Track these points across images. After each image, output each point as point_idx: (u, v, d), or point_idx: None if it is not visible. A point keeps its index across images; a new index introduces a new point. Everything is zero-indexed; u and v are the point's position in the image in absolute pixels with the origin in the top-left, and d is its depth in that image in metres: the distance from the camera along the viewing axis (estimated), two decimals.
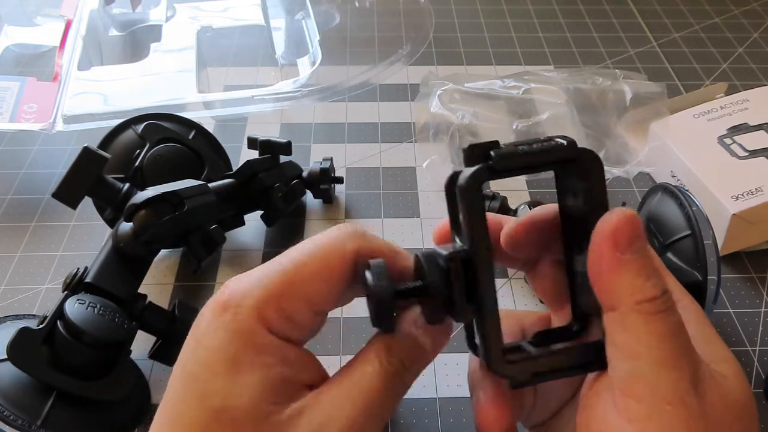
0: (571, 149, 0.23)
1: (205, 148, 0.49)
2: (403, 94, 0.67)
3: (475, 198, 0.23)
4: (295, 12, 0.75)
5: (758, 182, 0.48)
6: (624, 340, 0.22)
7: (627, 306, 0.22)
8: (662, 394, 0.21)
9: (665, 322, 0.22)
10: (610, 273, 0.22)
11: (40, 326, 0.35)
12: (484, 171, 0.23)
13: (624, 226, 0.22)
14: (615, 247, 0.22)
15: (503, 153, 0.23)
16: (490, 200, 0.48)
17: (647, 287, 0.22)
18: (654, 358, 0.21)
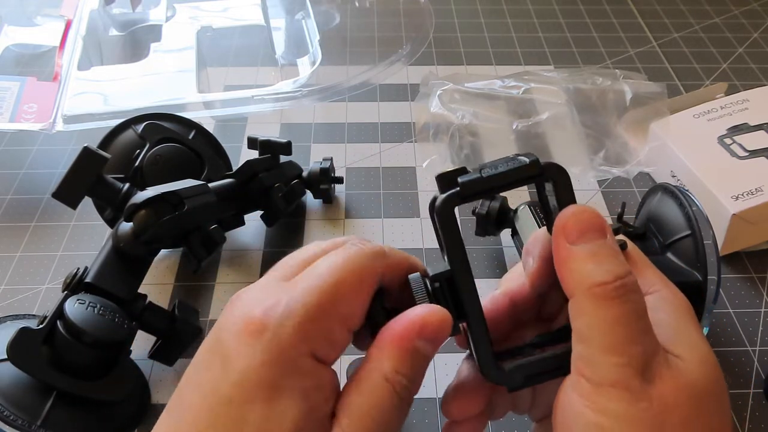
0: (533, 167, 0.24)
1: (205, 148, 0.49)
2: (403, 94, 0.67)
3: (449, 221, 0.25)
4: (295, 12, 0.75)
5: (758, 182, 0.48)
6: (578, 325, 0.23)
7: (580, 292, 0.23)
8: (606, 377, 0.22)
9: (616, 308, 0.22)
10: (563, 262, 0.24)
11: (40, 326, 0.35)
12: (454, 197, 0.25)
13: (571, 219, 0.24)
14: (565, 238, 0.24)
15: (468, 181, 0.24)
16: (490, 201, 0.48)
17: (597, 273, 0.23)
18: (600, 343, 0.22)
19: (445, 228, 0.25)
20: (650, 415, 0.22)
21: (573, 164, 0.56)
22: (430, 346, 0.24)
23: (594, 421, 0.22)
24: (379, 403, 0.23)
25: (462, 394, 0.27)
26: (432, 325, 0.24)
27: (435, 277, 0.26)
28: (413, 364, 0.24)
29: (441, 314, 0.24)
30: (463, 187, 0.24)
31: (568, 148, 0.57)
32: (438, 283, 0.25)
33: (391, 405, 0.23)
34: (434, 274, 0.26)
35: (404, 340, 0.24)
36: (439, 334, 0.24)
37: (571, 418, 0.23)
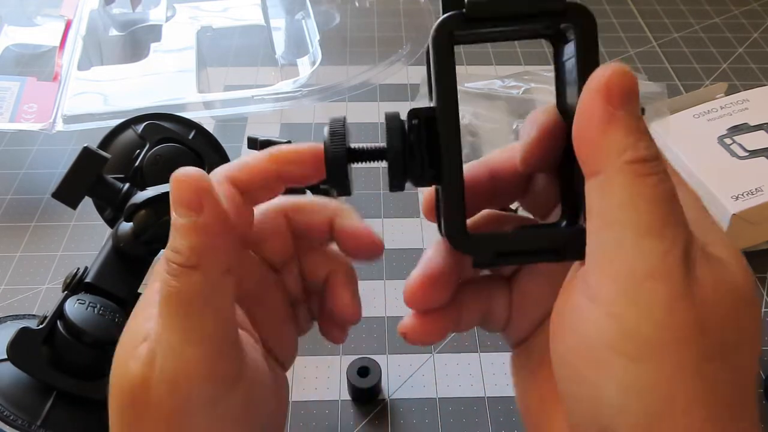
0: (557, 1, 0.20)
1: (205, 148, 0.49)
2: (403, 94, 0.67)
3: (443, 49, 0.21)
4: (295, 12, 0.75)
5: (758, 182, 0.48)
6: (605, 207, 0.19)
7: (614, 167, 0.19)
8: (642, 267, 0.18)
9: (656, 187, 0.19)
10: (599, 129, 0.19)
11: (40, 326, 0.35)
12: (457, 18, 0.21)
13: (620, 78, 0.20)
14: (608, 100, 0.19)
15: (477, 1, 0.21)
16: None
17: (640, 147, 0.19)
18: (639, 224, 0.19)
19: (438, 56, 0.21)
20: (692, 317, 0.18)
21: None
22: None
23: (624, 330, 0.19)
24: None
25: (428, 278, 0.24)
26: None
27: (414, 113, 0.22)
28: (175, 232, 0.23)
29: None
30: (471, 5, 0.20)
31: None
32: (416, 120, 0.22)
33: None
34: (413, 109, 0.22)
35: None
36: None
37: (589, 334, 0.19)
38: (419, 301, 0.24)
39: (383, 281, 0.49)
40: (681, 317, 0.18)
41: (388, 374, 0.43)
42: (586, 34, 0.20)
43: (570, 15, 0.20)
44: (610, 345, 0.19)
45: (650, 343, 0.18)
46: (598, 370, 0.19)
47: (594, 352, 0.19)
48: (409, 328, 0.25)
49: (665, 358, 0.18)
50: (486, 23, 0.21)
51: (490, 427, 0.40)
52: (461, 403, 0.41)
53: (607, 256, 0.19)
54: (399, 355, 0.44)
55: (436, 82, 0.21)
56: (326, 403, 0.41)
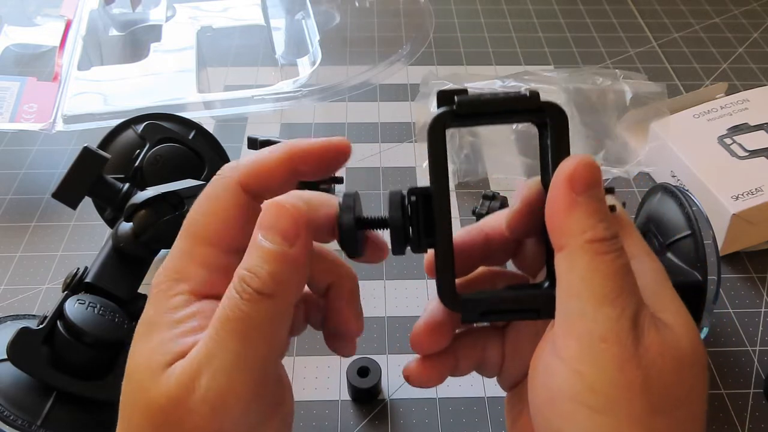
0: (532, 100, 0.24)
1: (205, 148, 0.49)
2: (403, 94, 0.67)
3: (438, 138, 0.24)
4: (295, 12, 0.75)
5: (758, 182, 0.48)
6: (569, 278, 0.23)
7: (576, 244, 0.22)
8: (599, 332, 0.22)
9: (611, 263, 0.22)
10: (563, 212, 0.23)
11: (40, 326, 0.35)
12: (448, 114, 0.24)
13: (582, 169, 0.23)
14: (571, 187, 0.23)
15: (466, 99, 0.24)
16: (491, 200, 0.48)
17: (598, 228, 0.22)
18: (595, 295, 0.22)
19: (433, 144, 0.24)
20: (639, 376, 0.21)
21: None
22: (271, 235, 0.23)
23: (584, 385, 0.22)
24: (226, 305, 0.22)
25: (430, 326, 0.27)
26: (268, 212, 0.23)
27: (412, 191, 0.26)
28: (259, 256, 0.23)
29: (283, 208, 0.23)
30: (459, 105, 0.24)
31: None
32: (414, 197, 0.25)
33: (235, 304, 0.22)
34: (412, 188, 0.26)
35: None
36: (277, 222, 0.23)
37: (555, 388, 0.23)
38: (423, 345, 0.27)
39: (383, 281, 0.49)
40: (630, 376, 0.21)
41: (388, 374, 0.43)
42: (557, 128, 0.24)
43: (547, 112, 0.24)
44: (574, 397, 0.22)
45: (607, 397, 0.21)
46: (565, 420, 0.22)
47: (561, 404, 0.22)
48: (412, 371, 0.28)
49: (619, 411, 0.21)
50: (473, 118, 0.25)
51: (490, 427, 0.40)
52: (461, 403, 0.41)
53: (571, 321, 0.23)
54: (399, 355, 0.44)
55: (432, 165, 0.25)
56: (326, 403, 0.41)
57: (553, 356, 0.23)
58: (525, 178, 0.57)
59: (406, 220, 0.26)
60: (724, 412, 0.41)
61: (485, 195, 0.49)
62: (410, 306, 0.47)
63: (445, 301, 0.25)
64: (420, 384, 0.28)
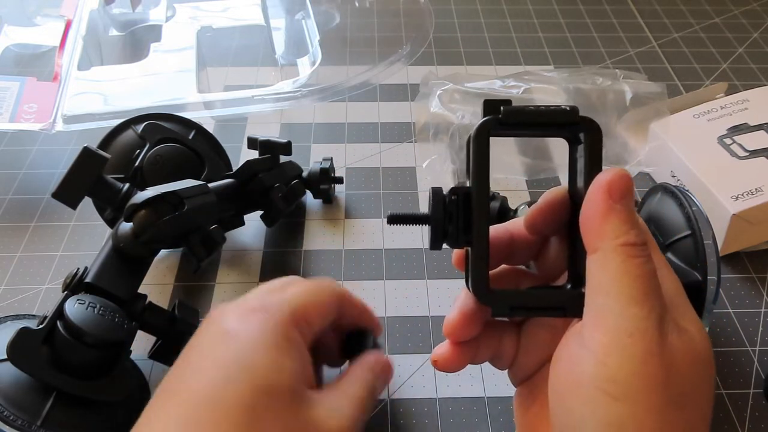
0: (572, 114, 0.27)
1: (205, 148, 0.49)
2: (403, 94, 0.67)
3: (482, 143, 0.27)
4: (295, 12, 0.75)
5: (758, 182, 0.48)
6: (600, 278, 0.25)
7: (610, 247, 0.25)
8: (626, 327, 0.24)
9: (641, 266, 0.24)
10: (601, 217, 0.25)
11: (40, 326, 0.35)
12: (493, 122, 0.26)
13: (619, 180, 0.25)
14: (609, 195, 0.25)
15: (511, 109, 0.26)
16: (491, 200, 0.48)
17: (631, 233, 0.25)
18: (625, 294, 0.24)
19: (477, 149, 0.27)
20: (660, 371, 0.23)
21: None
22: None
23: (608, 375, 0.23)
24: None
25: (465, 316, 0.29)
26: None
27: (454, 190, 0.28)
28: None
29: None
30: (505, 113, 0.26)
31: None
32: (456, 196, 0.28)
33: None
34: (453, 187, 0.28)
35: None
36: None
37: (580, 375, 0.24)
38: (457, 333, 0.30)
39: (383, 281, 0.49)
40: (652, 369, 0.23)
41: None
42: (593, 142, 0.27)
43: (582, 126, 0.27)
44: (597, 385, 0.24)
45: (628, 386, 0.23)
46: (586, 405, 0.24)
47: (584, 389, 0.24)
48: (440, 356, 0.31)
49: (638, 400, 0.23)
50: (516, 127, 0.27)
51: (490, 427, 0.40)
52: (461, 403, 0.41)
53: (600, 316, 0.24)
54: (399, 355, 0.44)
55: (474, 168, 0.27)
56: None
57: (579, 347, 0.25)
58: (525, 178, 0.57)
59: (446, 217, 0.28)
60: (724, 412, 0.41)
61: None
62: (410, 306, 0.47)
63: (479, 294, 0.27)
64: (445, 368, 0.31)
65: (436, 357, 0.31)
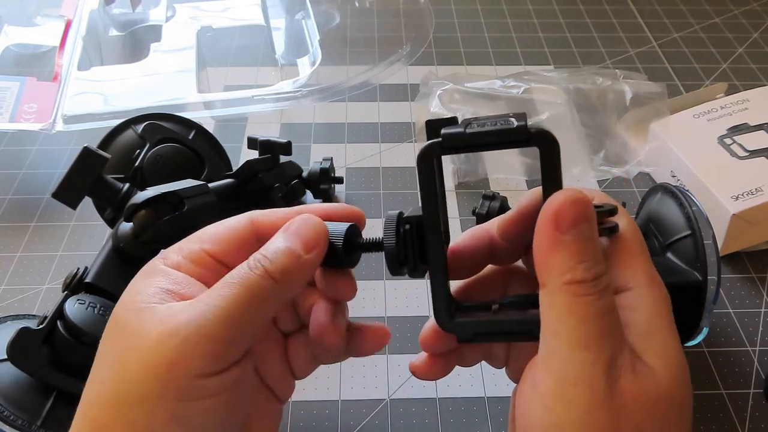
0: (520, 131, 0.23)
1: (205, 148, 0.49)
2: (403, 94, 0.67)
3: (427, 169, 0.25)
4: (295, 12, 0.75)
5: (758, 182, 0.48)
6: (548, 318, 0.23)
7: (555, 284, 0.23)
8: (571, 374, 0.22)
9: (589, 306, 0.22)
10: (546, 250, 0.23)
11: (40, 326, 0.35)
12: (436, 146, 0.25)
13: (568, 208, 0.23)
14: (555, 226, 0.23)
15: (448, 134, 0.24)
16: (491, 200, 0.48)
17: (578, 269, 0.22)
18: (571, 337, 0.22)
19: (422, 175, 0.25)
20: (608, 421, 0.22)
21: (573, 164, 0.56)
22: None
23: (552, 421, 0.22)
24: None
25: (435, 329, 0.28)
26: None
27: (406, 219, 0.27)
28: (278, 249, 0.25)
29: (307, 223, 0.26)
30: (444, 138, 0.24)
31: (568, 148, 0.57)
32: (408, 225, 0.26)
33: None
34: (406, 216, 0.27)
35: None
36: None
37: (529, 418, 0.24)
38: (431, 345, 0.28)
39: (383, 281, 0.49)
40: (598, 419, 0.22)
41: (388, 374, 0.43)
42: (549, 156, 0.24)
43: (534, 141, 0.24)
44: (542, 430, 0.23)
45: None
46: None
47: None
48: (418, 367, 0.29)
49: None
50: (462, 150, 0.25)
51: (490, 427, 0.40)
52: (461, 403, 0.41)
53: (548, 359, 0.23)
54: (399, 355, 0.44)
55: (423, 195, 0.26)
56: (326, 403, 0.41)
57: (531, 388, 0.24)
58: (525, 178, 0.57)
59: (399, 247, 0.26)
60: (724, 412, 0.41)
61: (485, 195, 0.49)
62: (410, 306, 0.47)
63: (441, 324, 0.27)
64: (425, 377, 0.29)
65: (414, 367, 0.29)
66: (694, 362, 0.43)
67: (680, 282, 0.39)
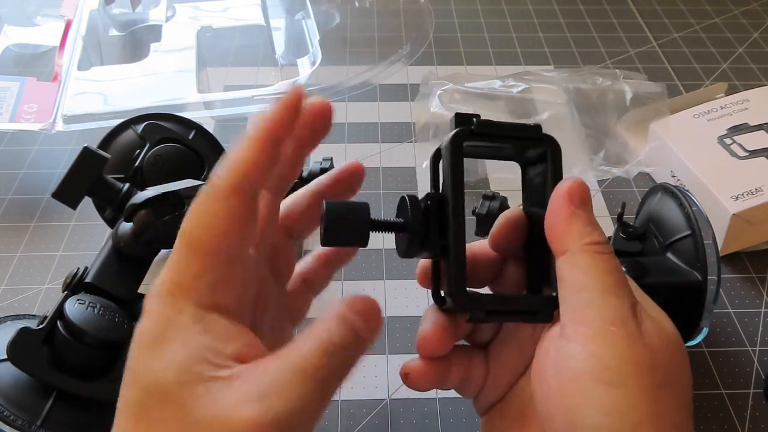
0: (537, 130, 0.28)
1: (205, 148, 0.49)
2: (403, 94, 0.67)
3: (456, 152, 0.27)
4: (295, 12, 0.75)
5: (758, 182, 0.48)
6: (574, 276, 0.26)
7: (577, 247, 0.26)
8: (607, 317, 0.25)
9: (608, 261, 0.26)
10: (565, 221, 0.27)
11: (40, 326, 0.35)
12: (467, 132, 0.27)
13: (578, 187, 0.27)
14: (570, 201, 0.27)
15: (483, 121, 0.28)
16: (491, 200, 0.48)
17: (595, 234, 0.26)
18: (600, 287, 0.25)
19: (452, 157, 0.27)
20: (646, 354, 0.24)
21: (573, 164, 0.56)
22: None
23: (600, 363, 0.24)
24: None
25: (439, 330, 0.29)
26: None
27: (429, 196, 0.28)
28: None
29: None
30: (478, 124, 0.27)
31: (568, 148, 0.57)
32: (430, 202, 0.28)
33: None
34: (428, 193, 0.28)
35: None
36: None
37: (572, 369, 0.25)
38: (433, 345, 0.29)
39: (383, 281, 0.49)
40: (638, 353, 0.24)
41: (388, 374, 0.43)
42: (555, 155, 0.28)
43: (545, 141, 0.28)
44: (590, 375, 0.24)
45: (619, 372, 0.24)
46: (580, 397, 0.24)
47: (577, 382, 0.25)
48: (412, 369, 0.30)
49: (630, 384, 0.24)
50: (488, 138, 0.28)
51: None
52: (461, 403, 0.41)
53: (579, 311, 0.25)
54: (399, 355, 0.44)
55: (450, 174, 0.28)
56: None
57: (565, 343, 0.26)
58: None
59: (424, 222, 0.28)
60: (724, 412, 0.41)
61: (485, 195, 0.49)
62: (410, 306, 0.47)
63: (456, 299, 0.27)
64: (417, 385, 0.30)
65: (408, 370, 0.29)
66: (694, 362, 0.43)
67: (680, 282, 0.39)
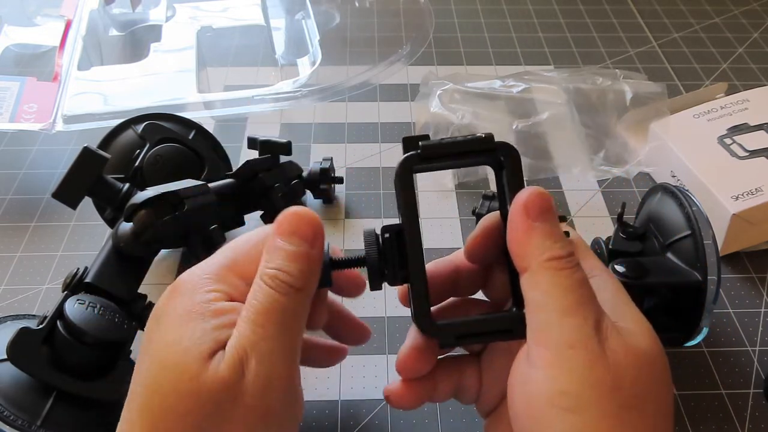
0: (488, 141, 0.27)
1: (205, 148, 0.49)
2: (403, 94, 0.67)
3: (406, 180, 0.27)
4: (295, 12, 0.75)
5: (758, 182, 0.48)
6: (534, 296, 0.25)
7: (537, 264, 0.25)
8: (565, 339, 0.24)
9: (569, 277, 0.25)
10: (523, 237, 0.26)
11: (40, 326, 0.35)
12: (414, 158, 0.27)
13: (535, 199, 0.26)
14: (527, 214, 0.26)
15: (428, 144, 0.27)
16: (491, 200, 0.49)
17: (554, 248, 0.25)
18: (559, 307, 0.24)
19: (402, 186, 0.27)
20: (608, 376, 0.23)
21: (573, 164, 0.56)
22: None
23: (557, 388, 0.24)
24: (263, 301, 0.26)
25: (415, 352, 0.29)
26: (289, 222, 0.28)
27: (385, 229, 0.28)
28: (284, 257, 0.27)
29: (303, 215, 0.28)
30: (424, 149, 0.27)
31: (568, 148, 0.57)
32: (388, 235, 0.28)
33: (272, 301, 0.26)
34: (385, 226, 0.28)
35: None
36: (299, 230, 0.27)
37: (532, 394, 0.25)
38: (408, 369, 0.29)
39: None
40: (598, 376, 0.23)
41: (388, 374, 0.43)
42: (512, 163, 0.27)
43: (499, 151, 0.27)
44: (549, 401, 0.24)
45: (579, 397, 0.23)
46: (541, 422, 0.24)
47: (538, 407, 0.24)
48: (393, 392, 0.30)
49: (591, 408, 0.23)
50: (438, 160, 0.27)
51: None
52: (461, 403, 0.41)
53: (540, 332, 0.25)
54: None
55: (402, 205, 0.27)
56: (326, 403, 0.41)
57: (528, 366, 0.25)
58: (525, 179, 0.57)
59: (381, 256, 0.28)
60: (724, 412, 0.41)
61: (485, 195, 0.49)
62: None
63: (422, 328, 0.27)
64: (399, 405, 0.30)
65: (388, 393, 0.30)
66: (694, 362, 0.43)
67: (680, 282, 0.39)
